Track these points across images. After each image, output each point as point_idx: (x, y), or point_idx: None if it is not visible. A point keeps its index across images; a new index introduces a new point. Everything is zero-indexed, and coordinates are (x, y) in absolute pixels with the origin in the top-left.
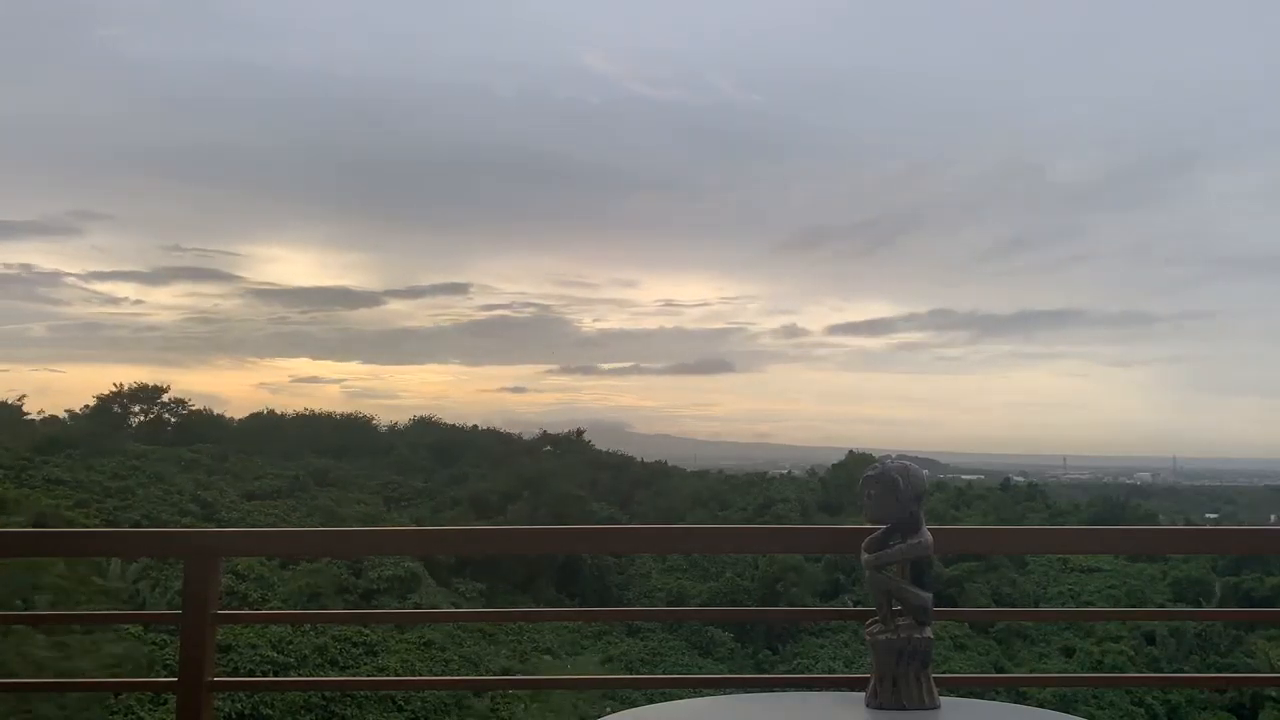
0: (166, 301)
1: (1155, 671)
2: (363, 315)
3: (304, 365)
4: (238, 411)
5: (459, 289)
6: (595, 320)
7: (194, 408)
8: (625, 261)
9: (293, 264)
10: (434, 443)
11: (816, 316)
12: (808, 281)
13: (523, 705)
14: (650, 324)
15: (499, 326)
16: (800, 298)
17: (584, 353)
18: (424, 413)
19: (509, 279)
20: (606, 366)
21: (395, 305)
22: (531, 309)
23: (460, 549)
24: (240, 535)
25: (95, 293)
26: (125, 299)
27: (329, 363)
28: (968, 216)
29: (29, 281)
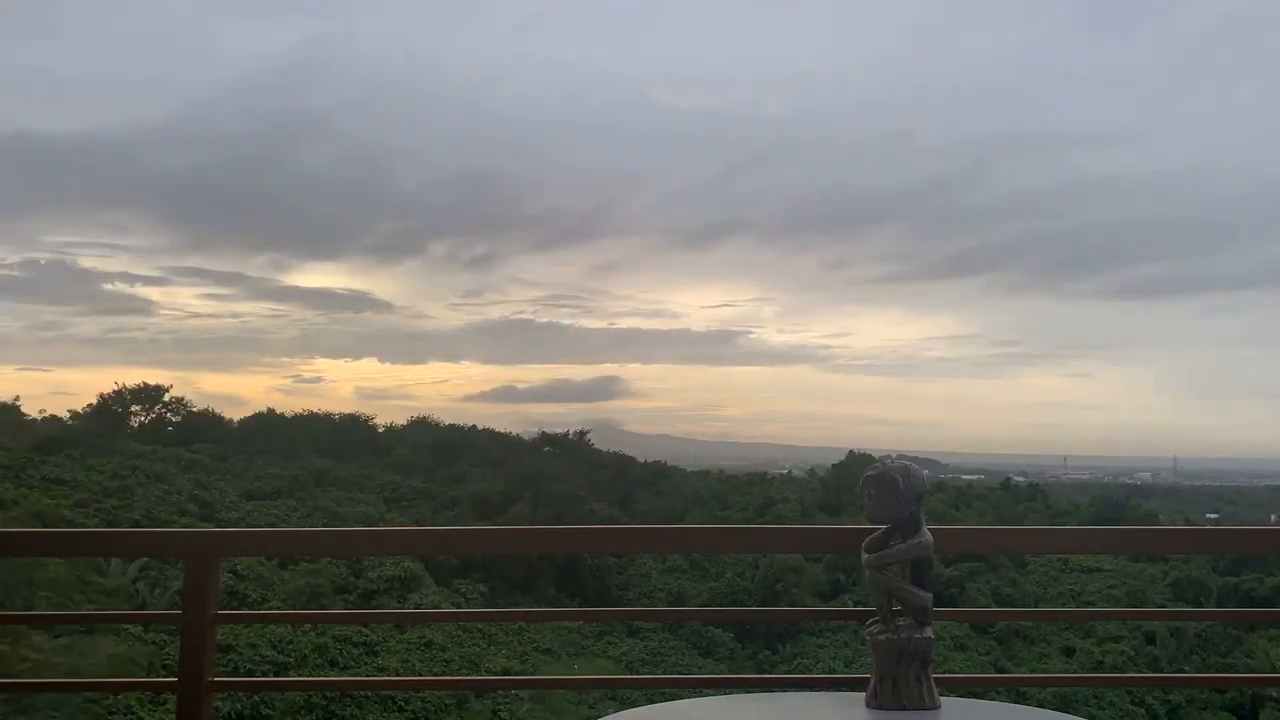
0: (197, 305)
1: (1155, 671)
2: (384, 319)
3: (326, 366)
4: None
5: (475, 293)
6: (605, 323)
7: (194, 408)
8: (629, 264)
9: (324, 270)
10: (434, 443)
11: (818, 319)
12: (811, 286)
13: (525, 705)
14: (655, 325)
15: (513, 329)
16: (803, 302)
17: (589, 353)
18: (443, 411)
19: (523, 283)
20: (609, 367)
21: (418, 308)
22: (543, 312)
23: (460, 549)
24: (240, 535)
25: (132, 296)
26: (155, 302)
27: (344, 362)
28: (969, 219)
29: (62, 282)
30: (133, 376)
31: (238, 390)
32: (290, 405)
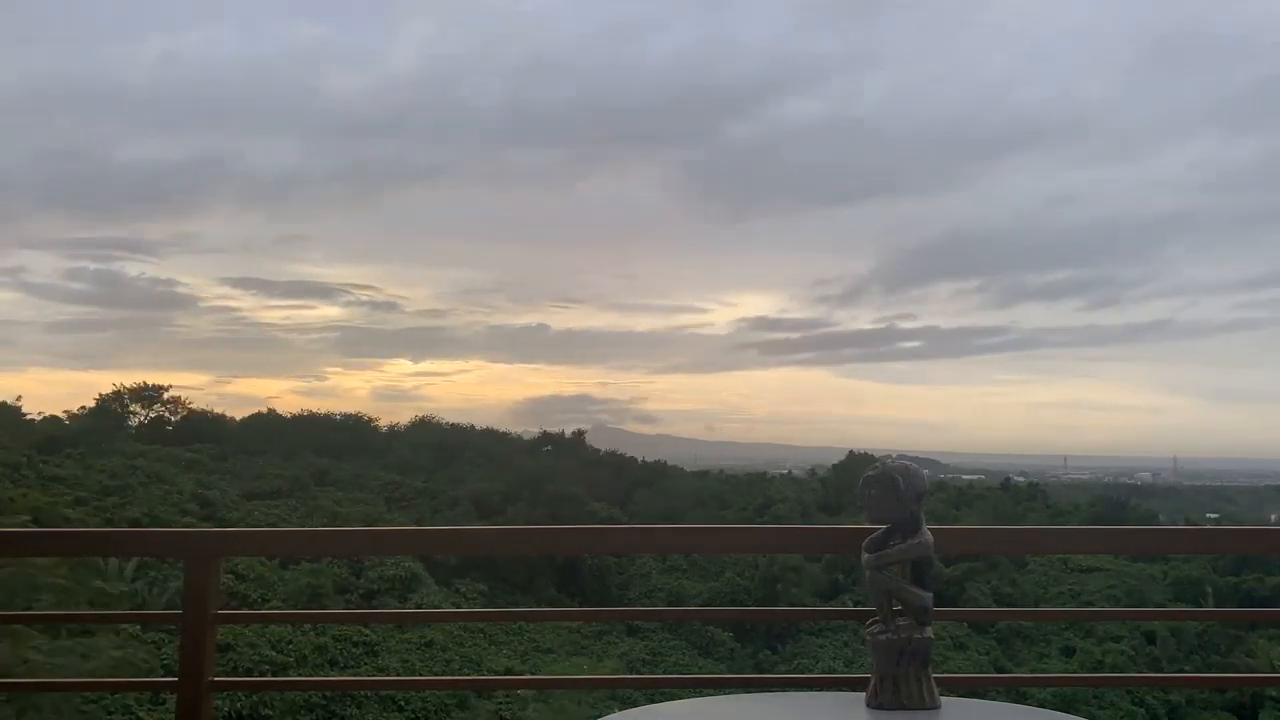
0: (233, 307)
1: (1155, 671)
2: (406, 320)
3: (352, 368)
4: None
5: (488, 297)
6: (613, 325)
7: (194, 408)
8: (632, 268)
9: (354, 271)
10: (434, 443)
11: (819, 321)
12: (810, 287)
13: (530, 705)
14: (656, 326)
15: (529, 331)
16: (803, 302)
17: (593, 354)
18: (458, 413)
19: (537, 287)
20: (610, 367)
21: (441, 310)
22: (550, 315)
23: (460, 549)
24: (240, 535)
25: (166, 297)
26: (190, 303)
27: (371, 363)
28: (970, 222)
29: (98, 283)
30: (165, 379)
31: (265, 392)
32: (314, 407)
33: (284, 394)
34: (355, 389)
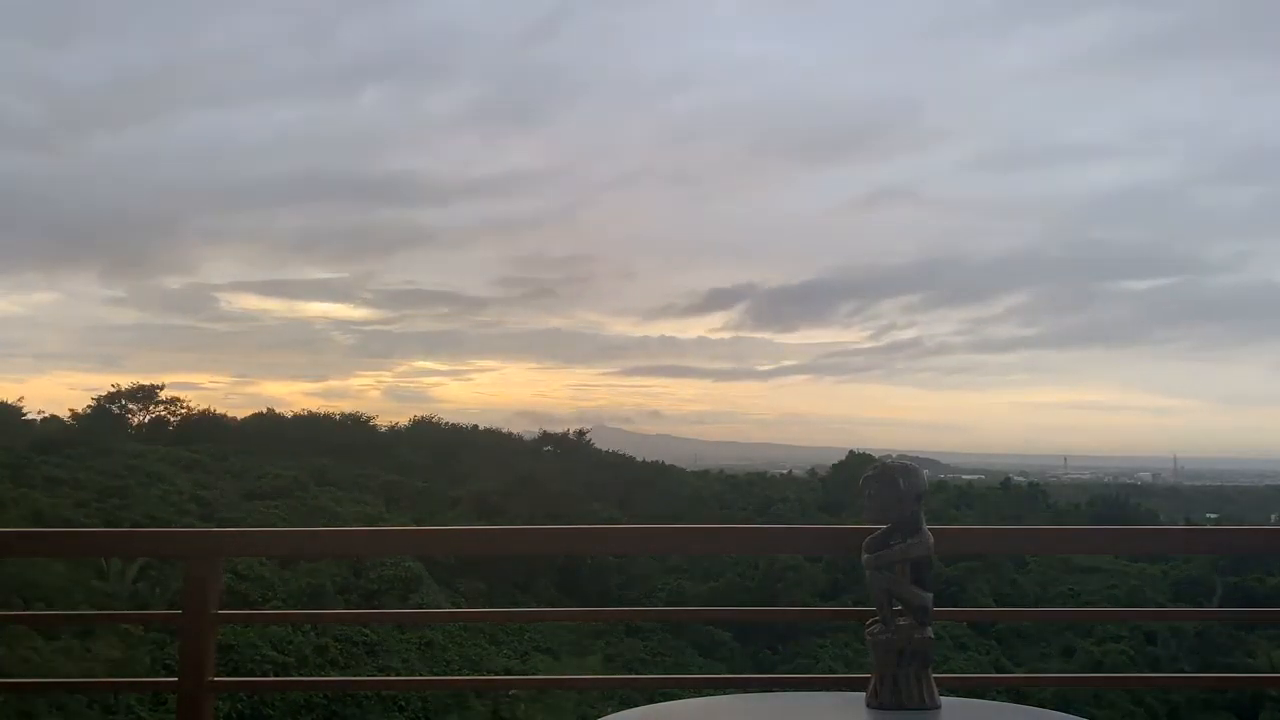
0: (259, 309)
1: (1155, 671)
2: (414, 321)
3: (370, 369)
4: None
5: (500, 300)
6: (609, 327)
7: (194, 407)
8: (639, 274)
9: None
10: (434, 443)
11: (819, 322)
12: (806, 288)
13: (523, 705)
14: (661, 329)
15: (537, 334)
16: (800, 303)
17: (592, 355)
18: (462, 413)
19: (545, 290)
20: (611, 369)
21: (451, 310)
22: (560, 318)
23: (460, 549)
24: (240, 535)
25: (196, 300)
26: (219, 305)
27: (386, 361)
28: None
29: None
30: (189, 379)
31: (286, 392)
32: (332, 408)
33: (304, 395)
34: (370, 389)
